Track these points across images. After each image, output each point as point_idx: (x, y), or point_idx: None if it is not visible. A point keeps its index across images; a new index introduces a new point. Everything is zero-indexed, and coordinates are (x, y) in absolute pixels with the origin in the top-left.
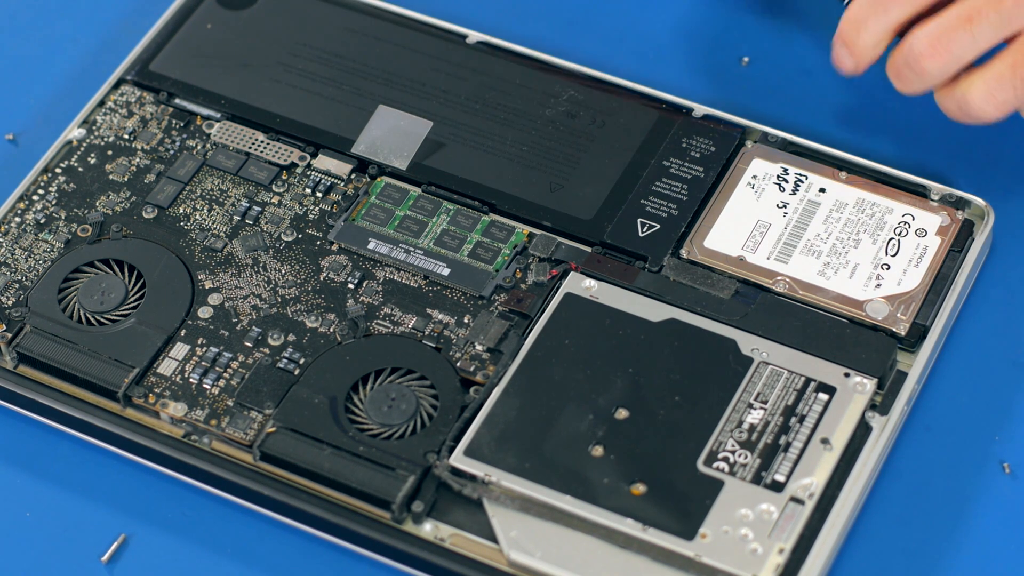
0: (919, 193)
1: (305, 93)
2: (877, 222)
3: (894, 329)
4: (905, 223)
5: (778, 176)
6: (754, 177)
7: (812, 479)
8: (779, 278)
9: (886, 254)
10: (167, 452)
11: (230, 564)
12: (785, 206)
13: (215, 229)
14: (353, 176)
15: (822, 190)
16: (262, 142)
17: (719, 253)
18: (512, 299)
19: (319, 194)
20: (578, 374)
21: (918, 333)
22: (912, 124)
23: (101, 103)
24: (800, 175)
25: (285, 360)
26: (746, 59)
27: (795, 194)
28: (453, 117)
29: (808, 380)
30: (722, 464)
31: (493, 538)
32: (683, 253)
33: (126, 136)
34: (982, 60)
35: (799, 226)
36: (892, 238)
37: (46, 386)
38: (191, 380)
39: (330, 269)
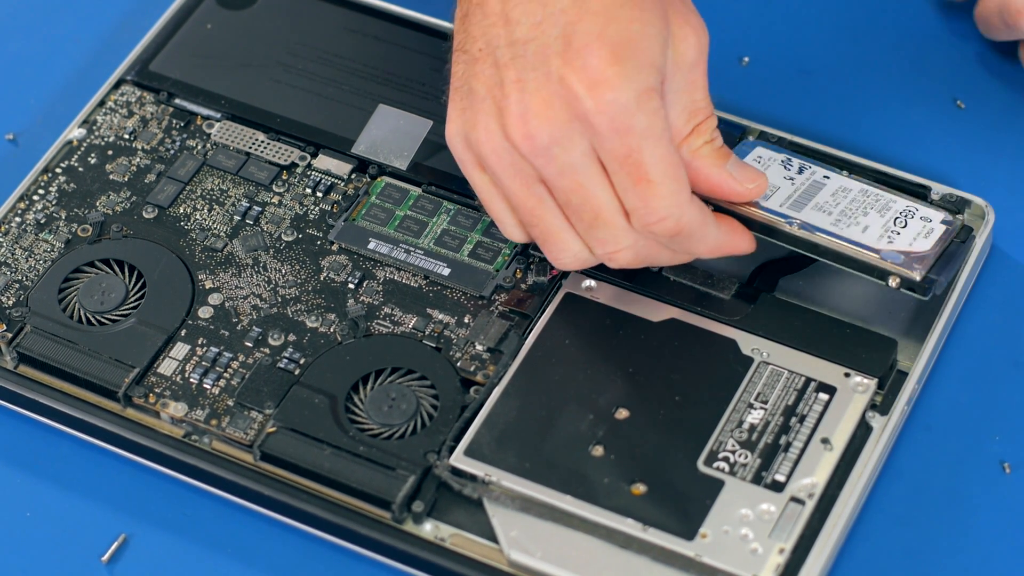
0: (919, 193)
1: (305, 93)
2: (883, 204)
3: (909, 273)
4: (909, 211)
5: (782, 161)
6: (759, 158)
7: (812, 479)
8: (794, 219)
9: (895, 225)
10: (167, 452)
11: (230, 564)
12: (792, 180)
13: (215, 229)
14: (353, 176)
15: (826, 177)
16: (262, 142)
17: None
18: (512, 299)
19: (319, 194)
20: (578, 374)
21: (931, 284)
22: (912, 124)
23: (101, 103)
24: (803, 164)
25: (285, 360)
26: (746, 59)
27: (801, 174)
28: None
29: (808, 380)
30: (722, 464)
31: (493, 538)
32: None
33: (126, 136)
34: None
35: (807, 195)
36: (898, 217)
37: (46, 386)
38: (191, 380)
39: (330, 269)
